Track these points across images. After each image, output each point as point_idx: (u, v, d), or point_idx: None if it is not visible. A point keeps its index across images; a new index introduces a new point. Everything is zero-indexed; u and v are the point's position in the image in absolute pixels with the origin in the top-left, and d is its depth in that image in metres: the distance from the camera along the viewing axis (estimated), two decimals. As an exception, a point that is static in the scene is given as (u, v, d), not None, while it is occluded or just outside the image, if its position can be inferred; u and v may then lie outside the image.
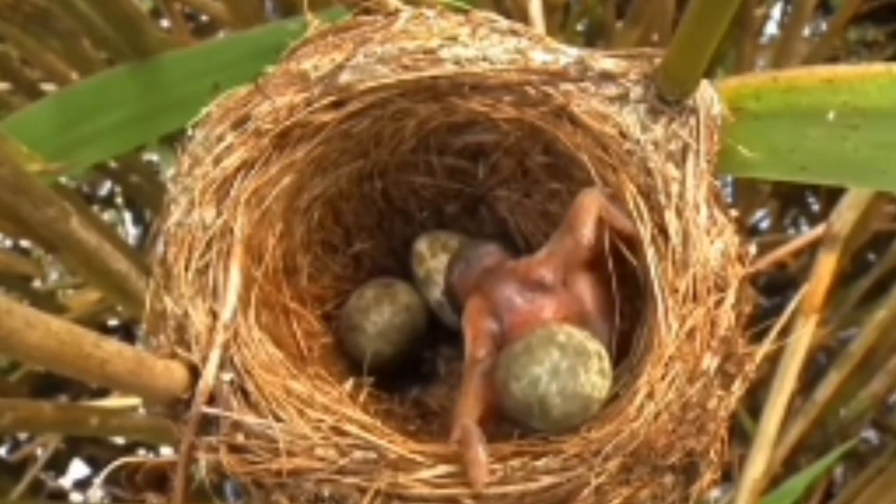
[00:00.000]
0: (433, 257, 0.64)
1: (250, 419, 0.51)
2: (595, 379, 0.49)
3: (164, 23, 1.32)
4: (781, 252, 1.00)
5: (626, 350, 0.54)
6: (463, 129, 0.60)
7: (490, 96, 0.56)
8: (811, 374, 1.01)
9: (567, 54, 0.55)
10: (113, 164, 1.18)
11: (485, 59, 0.55)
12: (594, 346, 0.50)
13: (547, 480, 0.49)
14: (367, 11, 0.58)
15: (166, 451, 1.26)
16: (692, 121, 0.54)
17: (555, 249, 0.55)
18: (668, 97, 0.54)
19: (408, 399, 0.65)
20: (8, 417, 0.73)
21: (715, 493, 0.78)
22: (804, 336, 0.86)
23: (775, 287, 1.33)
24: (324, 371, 0.61)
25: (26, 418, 0.75)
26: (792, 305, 0.63)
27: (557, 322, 0.53)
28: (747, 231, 1.34)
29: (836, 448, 1.01)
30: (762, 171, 0.59)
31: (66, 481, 1.50)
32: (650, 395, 0.50)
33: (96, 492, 1.10)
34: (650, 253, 0.52)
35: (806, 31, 1.30)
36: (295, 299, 0.63)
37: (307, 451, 0.50)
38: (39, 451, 1.40)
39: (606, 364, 0.50)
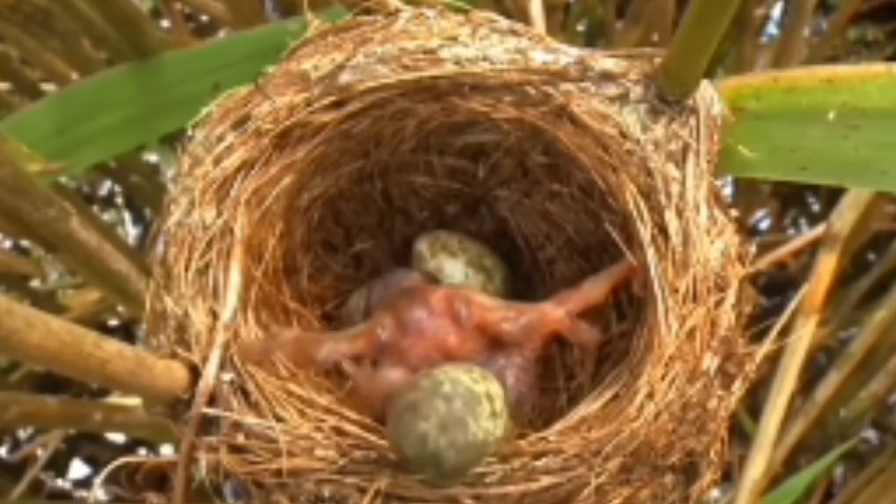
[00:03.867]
0: (433, 257, 0.64)
1: (250, 419, 0.51)
2: (486, 424, 0.46)
3: (164, 23, 1.32)
4: (781, 252, 1.00)
5: (626, 350, 0.54)
6: (463, 129, 0.60)
7: (490, 96, 0.56)
8: (811, 374, 1.01)
9: (567, 54, 0.55)
10: (113, 164, 1.18)
11: (485, 59, 0.55)
12: (482, 387, 0.47)
13: (547, 480, 0.49)
14: (367, 11, 0.58)
15: (166, 451, 1.26)
16: (692, 121, 0.54)
17: (503, 316, 0.55)
18: (669, 97, 0.54)
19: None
20: (13, 412, 0.73)
21: (715, 493, 0.78)
22: (804, 336, 0.86)
23: (775, 287, 1.33)
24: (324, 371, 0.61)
25: (30, 413, 0.76)
26: (792, 305, 0.63)
27: (466, 353, 0.53)
28: (747, 231, 1.34)
29: (836, 448, 1.01)
30: (762, 171, 0.59)
31: (66, 481, 1.50)
32: (650, 395, 0.50)
33: (96, 492, 1.10)
34: (650, 253, 0.52)
35: (806, 31, 1.30)
36: (295, 299, 0.63)
37: (307, 451, 0.50)
38: (39, 451, 1.40)
39: (498, 403, 0.47)
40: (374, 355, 0.55)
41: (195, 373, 0.52)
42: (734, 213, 0.55)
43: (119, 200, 1.65)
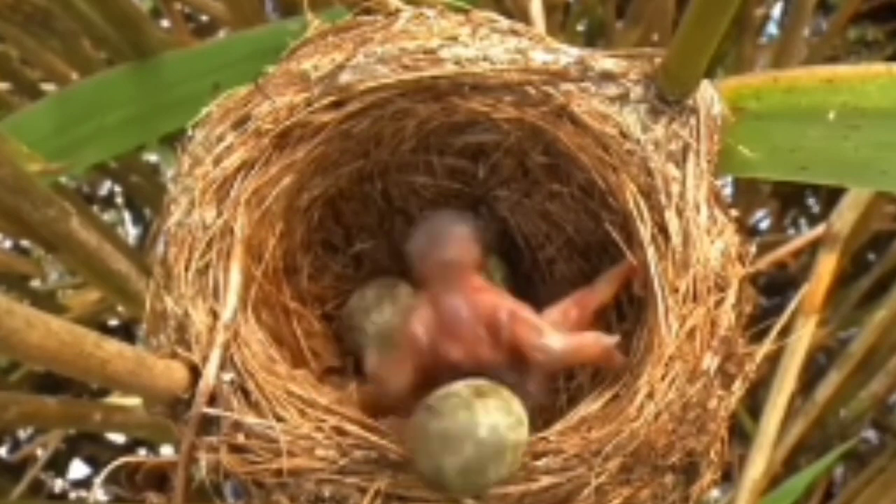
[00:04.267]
0: (433, 257, 0.64)
1: (251, 419, 0.51)
2: (503, 472, 0.47)
3: (164, 23, 1.32)
4: (781, 252, 1.00)
5: (626, 350, 0.54)
6: (463, 129, 0.60)
7: (490, 96, 0.56)
8: (811, 374, 1.01)
9: (567, 54, 0.55)
10: (113, 164, 1.19)
11: (485, 59, 0.55)
12: (514, 437, 0.47)
13: (547, 480, 0.49)
14: (367, 11, 0.58)
15: (166, 451, 1.26)
16: (692, 121, 0.54)
17: (542, 344, 0.54)
18: (669, 97, 0.54)
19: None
20: (12, 412, 0.73)
21: (715, 493, 0.78)
22: (804, 336, 0.86)
23: (775, 287, 1.33)
24: (324, 371, 0.61)
25: (30, 413, 0.76)
26: (792, 305, 0.63)
27: (492, 363, 0.53)
28: (747, 231, 1.34)
29: (836, 448, 1.01)
30: (762, 171, 0.59)
31: (66, 481, 1.50)
32: (650, 395, 0.50)
33: (96, 492, 1.10)
34: (650, 253, 0.52)
35: (806, 32, 1.30)
36: (295, 299, 0.63)
37: (308, 450, 0.50)
38: (39, 451, 1.41)
39: (520, 451, 0.48)
40: (421, 361, 0.54)
41: (195, 373, 0.52)
42: (734, 213, 0.55)
43: (119, 200, 1.65)
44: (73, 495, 1.50)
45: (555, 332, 0.54)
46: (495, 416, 0.47)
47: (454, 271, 0.56)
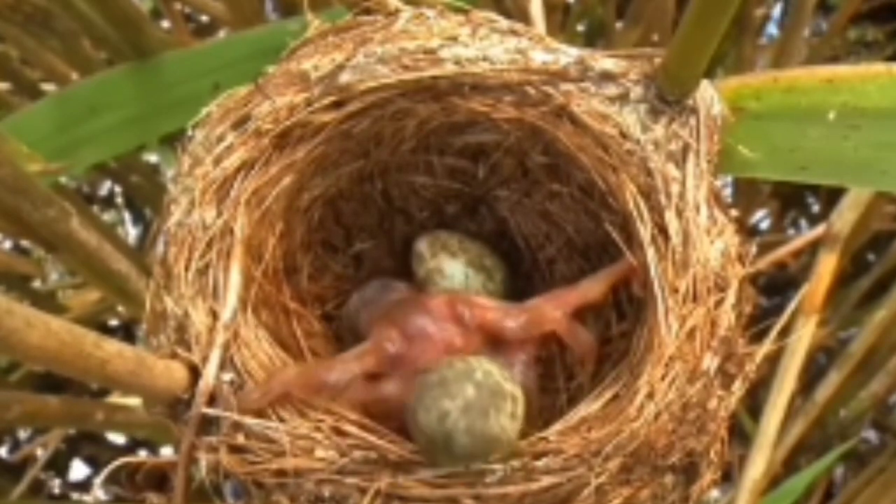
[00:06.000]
0: (433, 257, 0.64)
1: (250, 419, 0.51)
2: (504, 422, 0.47)
3: (164, 23, 1.32)
4: (781, 252, 1.00)
5: (626, 350, 0.54)
6: (463, 129, 0.60)
7: (490, 96, 0.56)
8: (811, 374, 1.01)
9: (567, 54, 0.55)
10: (113, 164, 1.19)
11: (485, 59, 0.55)
12: (511, 387, 0.48)
13: (547, 480, 0.49)
14: (367, 11, 0.58)
15: (166, 451, 1.26)
16: (692, 121, 0.54)
17: (504, 314, 0.56)
18: (669, 97, 0.54)
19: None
20: (15, 411, 0.73)
21: (715, 493, 0.78)
22: (804, 336, 0.86)
23: (775, 287, 1.33)
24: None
25: (33, 412, 0.76)
26: (792, 305, 0.63)
27: (472, 353, 0.53)
28: (747, 231, 1.34)
29: (836, 448, 1.01)
30: (762, 171, 0.59)
31: (65, 482, 1.50)
32: (650, 395, 0.50)
33: (96, 492, 1.10)
34: (650, 253, 0.52)
35: (806, 32, 1.30)
36: (295, 299, 0.63)
37: (307, 451, 0.50)
38: (39, 451, 1.41)
39: (519, 408, 0.48)
40: (385, 369, 0.54)
41: (195, 373, 0.52)
42: (734, 213, 0.55)
43: (119, 200, 1.65)
44: (73, 495, 1.50)
45: (512, 307, 0.57)
46: (488, 366, 0.48)
47: (408, 301, 0.58)
